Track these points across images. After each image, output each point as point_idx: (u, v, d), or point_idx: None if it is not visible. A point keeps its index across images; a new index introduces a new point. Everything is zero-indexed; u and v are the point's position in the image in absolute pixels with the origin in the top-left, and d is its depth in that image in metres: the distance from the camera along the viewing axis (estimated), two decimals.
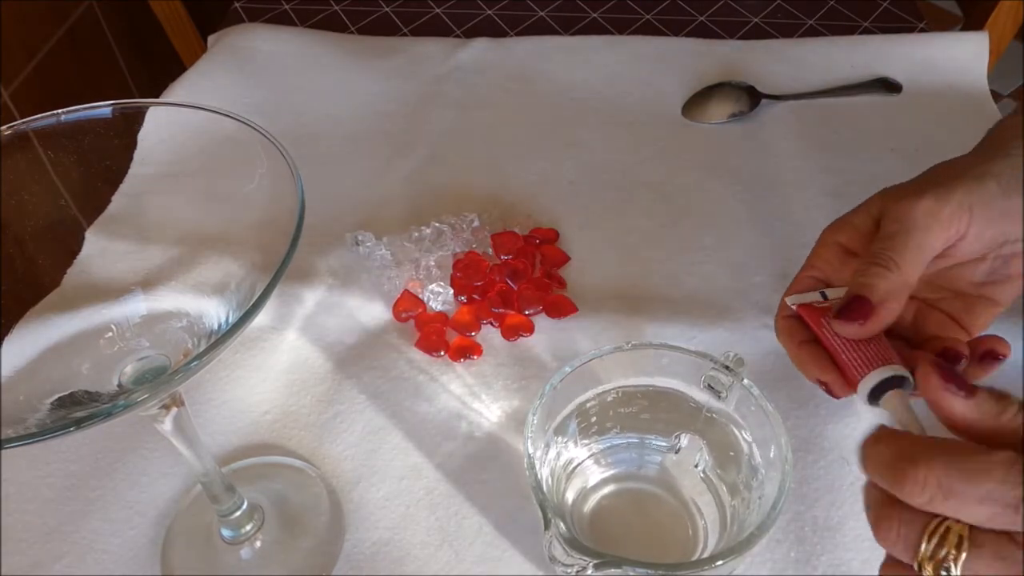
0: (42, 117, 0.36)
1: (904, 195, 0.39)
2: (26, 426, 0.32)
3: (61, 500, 0.46)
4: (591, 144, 0.67)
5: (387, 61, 0.75)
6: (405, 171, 0.66)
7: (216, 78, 0.73)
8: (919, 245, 0.37)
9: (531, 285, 0.55)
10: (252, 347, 0.53)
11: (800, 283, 0.43)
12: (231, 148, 0.37)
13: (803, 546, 0.43)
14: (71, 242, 0.39)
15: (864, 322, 0.37)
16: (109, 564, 0.44)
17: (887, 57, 0.72)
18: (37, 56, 0.87)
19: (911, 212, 0.38)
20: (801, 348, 0.40)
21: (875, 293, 0.37)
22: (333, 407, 0.50)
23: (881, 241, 0.38)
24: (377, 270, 0.56)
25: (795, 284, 0.43)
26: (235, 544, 0.43)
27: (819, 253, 0.43)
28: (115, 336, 0.37)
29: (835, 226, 0.42)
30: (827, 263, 0.42)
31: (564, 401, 0.41)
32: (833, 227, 0.42)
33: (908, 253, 0.37)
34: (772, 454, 0.37)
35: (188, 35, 1.02)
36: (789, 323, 0.42)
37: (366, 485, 0.46)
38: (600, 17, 0.83)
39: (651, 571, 0.33)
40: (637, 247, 0.59)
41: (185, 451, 0.38)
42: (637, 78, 0.73)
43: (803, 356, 0.40)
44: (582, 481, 0.43)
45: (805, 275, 0.43)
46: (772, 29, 0.81)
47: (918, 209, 0.38)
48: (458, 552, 0.43)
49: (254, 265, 0.36)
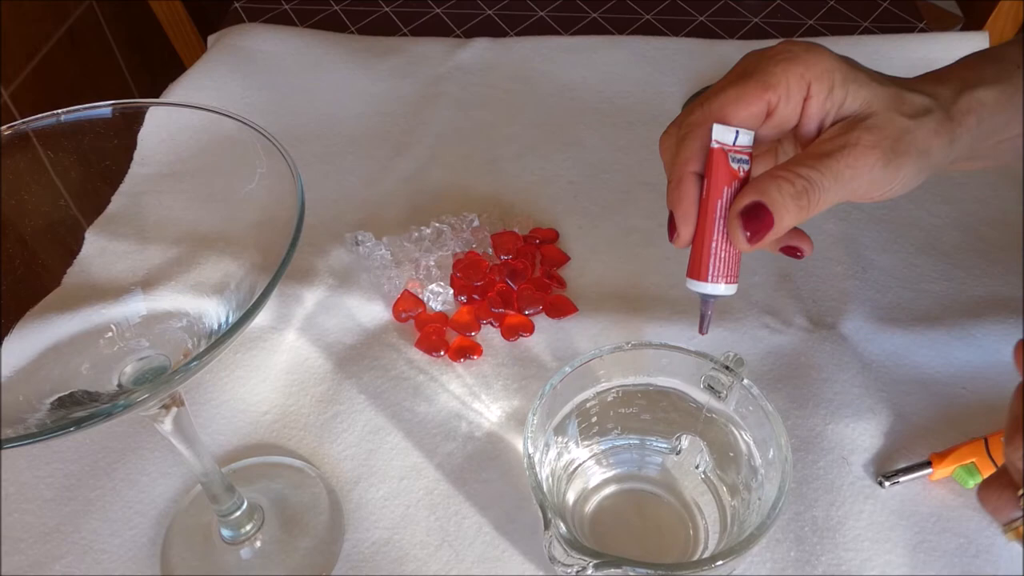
0: (42, 117, 0.36)
1: (875, 127, 0.34)
2: (26, 426, 0.32)
3: (60, 500, 0.46)
4: (591, 144, 0.67)
5: (387, 61, 0.75)
6: (405, 171, 0.66)
7: (216, 78, 0.73)
8: (842, 197, 0.33)
9: (531, 285, 0.55)
10: (252, 347, 0.53)
11: (748, 95, 0.34)
12: (231, 148, 0.37)
13: (803, 546, 0.43)
14: (71, 242, 0.39)
15: (753, 241, 0.33)
16: (108, 564, 0.44)
17: (887, 57, 0.72)
18: (37, 56, 0.87)
19: (866, 167, 0.33)
20: (687, 179, 0.34)
21: (781, 222, 0.33)
22: (333, 407, 0.50)
23: (820, 161, 0.33)
24: (377, 270, 0.56)
25: (742, 90, 0.34)
26: (235, 544, 0.43)
27: (785, 74, 0.34)
28: (115, 336, 0.37)
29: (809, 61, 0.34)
30: (785, 90, 0.34)
31: (564, 401, 0.41)
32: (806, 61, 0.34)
33: (831, 200, 0.33)
34: (772, 454, 0.37)
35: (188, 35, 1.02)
36: (694, 142, 0.34)
37: (366, 485, 0.46)
38: (600, 17, 0.83)
39: (651, 571, 0.33)
40: (637, 247, 0.59)
41: (185, 451, 0.38)
42: (637, 78, 0.73)
43: (683, 190, 0.34)
44: (582, 482, 0.43)
45: (760, 91, 0.34)
46: (772, 29, 0.81)
47: (874, 171, 0.33)
48: (458, 552, 0.43)
49: (254, 265, 0.36)
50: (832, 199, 0.33)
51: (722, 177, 0.33)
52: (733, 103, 0.34)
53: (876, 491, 0.45)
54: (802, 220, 0.33)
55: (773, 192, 0.33)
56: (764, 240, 0.33)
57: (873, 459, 0.46)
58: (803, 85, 0.33)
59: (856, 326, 0.53)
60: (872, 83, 0.34)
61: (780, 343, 0.52)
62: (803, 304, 0.54)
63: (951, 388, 0.50)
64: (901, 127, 0.34)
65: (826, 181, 0.33)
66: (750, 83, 0.34)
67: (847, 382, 0.50)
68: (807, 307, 0.54)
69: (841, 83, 0.34)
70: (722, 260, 0.34)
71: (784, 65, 0.33)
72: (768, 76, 0.33)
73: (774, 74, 0.33)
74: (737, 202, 0.33)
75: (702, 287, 0.34)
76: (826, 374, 0.50)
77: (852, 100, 0.34)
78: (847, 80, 0.34)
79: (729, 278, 0.34)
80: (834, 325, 0.53)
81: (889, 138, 0.33)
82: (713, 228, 0.34)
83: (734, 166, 0.33)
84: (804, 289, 0.55)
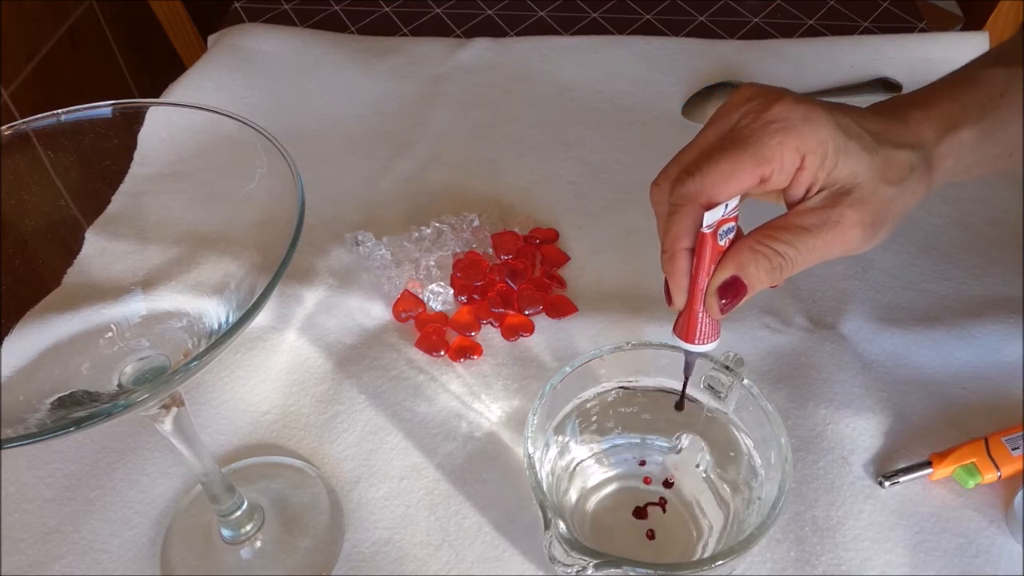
0: (42, 117, 0.36)
1: (852, 208, 0.34)
2: (26, 426, 0.32)
3: (60, 500, 0.46)
4: (591, 144, 0.67)
5: (387, 61, 0.75)
6: (405, 171, 0.66)
7: (216, 78, 0.73)
8: (813, 263, 0.35)
9: (531, 285, 0.55)
10: (252, 347, 0.53)
11: (741, 170, 0.34)
12: (231, 148, 0.37)
13: (803, 546, 0.43)
14: (71, 242, 0.39)
15: (726, 309, 0.35)
16: (108, 564, 0.44)
17: (887, 57, 0.72)
18: (37, 56, 0.87)
19: (844, 242, 0.35)
20: (679, 255, 0.36)
21: (752, 291, 0.35)
22: (333, 407, 0.50)
23: (799, 237, 0.34)
24: (377, 270, 0.56)
25: (736, 165, 0.34)
26: (235, 544, 0.43)
27: (780, 149, 0.34)
28: (115, 336, 0.37)
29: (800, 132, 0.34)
30: (779, 164, 0.34)
31: (564, 401, 0.41)
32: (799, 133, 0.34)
33: (801, 268, 0.35)
34: (772, 454, 0.37)
35: (188, 35, 1.02)
36: (685, 218, 0.35)
37: (366, 485, 0.46)
38: (600, 17, 0.83)
39: (651, 571, 0.33)
40: (637, 247, 0.59)
41: (185, 451, 0.38)
42: (637, 78, 0.73)
43: (676, 265, 0.36)
44: (583, 481, 0.43)
45: (754, 166, 0.34)
46: (772, 29, 0.81)
47: (852, 244, 0.35)
48: (458, 552, 0.43)
49: (254, 265, 0.36)
50: (804, 268, 0.35)
51: (711, 257, 0.35)
52: (726, 180, 0.34)
53: (876, 491, 0.45)
54: (771, 287, 0.36)
55: (750, 268, 0.35)
56: (736, 307, 0.35)
57: (873, 459, 0.46)
58: (797, 158, 0.34)
59: (856, 326, 0.53)
60: (862, 153, 0.35)
61: (780, 343, 0.52)
62: (803, 304, 0.54)
63: (951, 388, 0.50)
64: (885, 197, 0.35)
65: (801, 256, 0.35)
66: (744, 156, 0.34)
67: (847, 382, 0.50)
68: (807, 307, 0.54)
69: (833, 153, 0.34)
70: (708, 325, 0.37)
71: (780, 137, 0.33)
72: (763, 149, 0.34)
73: (769, 147, 0.34)
74: (716, 277, 0.35)
75: (691, 347, 0.38)
76: (826, 374, 0.50)
77: (841, 170, 0.35)
78: (839, 151, 0.34)
79: (713, 337, 0.38)
80: (834, 325, 0.53)
81: (872, 212, 0.35)
82: (700, 300, 0.36)
83: (721, 242, 0.35)
84: (804, 289, 0.55)
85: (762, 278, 0.35)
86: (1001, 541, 0.43)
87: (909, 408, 0.49)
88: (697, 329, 0.37)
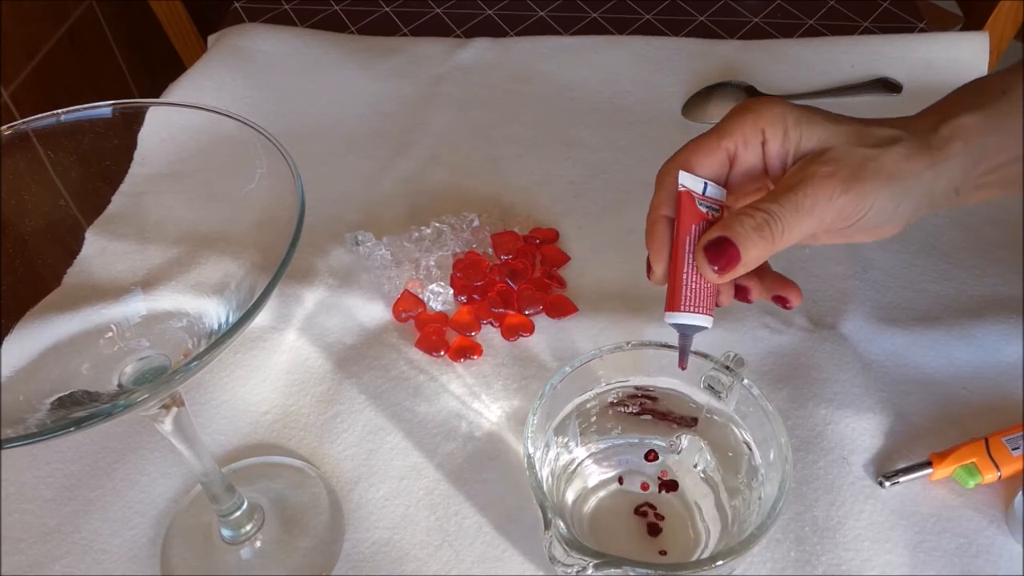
0: (42, 117, 0.36)
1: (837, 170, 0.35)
2: (26, 426, 0.32)
3: (60, 500, 0.46)
4: (591, 144, 0.67)
5: (387, 61, 0.75)
6: (405, 171, 0.66)
7: (216, 78, 0.73)
8: (808, 227, 0.35)
9: (531, 285, 0.55)
10: (252, 347, 0.53)
11: (707, 144, 0.37)
12: (231, 148, 0.37)
13: (803, 546, 0.43)
14: (71, 242, 0.39)
15: (722, 273, 0.35)
16: (108, 564, 0.44)
17: (887, 57, 0.72)
18: (37, 56, 0.87)
19: (824, 196, 0.35)
20: (658, 222, 0.38)
21: (747, 254, 0.35)
22: (333, 407, 0.50)
23: (780, 195, 0.35)
24: (377, 270, 0.56)
25: (702, 142, 0.37)
26: (235, 544, 0.43)
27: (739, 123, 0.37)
28: (115, 336, 0.37)
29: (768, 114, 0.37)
30: (740, 137, 0.37)
31: (564, 401, 0.41)
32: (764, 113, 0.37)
33: (796, 231, 0.35)
34: (772, 454, 0.37)
35: (188, 35, 1.02)
36: (663, 189, 0.38)
37: (366, 485, 0.46)
38: (600, 17, 0.83)
39: (651, 571, 0.33)
40: (637, 247, 0.58)
41: (185, 451, 0.38)
42: (637, 78, 0.73)
43: (655, 232, 0.38)
44: (582, 481, 0.43)
45: (717, 140, 0.37)
46: (772, 29, 0.81)
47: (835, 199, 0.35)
48: (458, 552, 0.43)
49: (254, 265, 0.36)
50: (799, 229, 0.35)
51: (689, 216, 0.36)
52: (694, 152, 0.37)
53: (876, 491, 0.45)
54: (770, 252, 0.35)
55: (736, 227, 0.35)
56: (735, 271, 0.35)
57: (873, 459, 0.46)
58: (757, 131, 0.37)
59: (856, 326, 0.53)
60: (828, 122, 0.37)
61: (780, 343, 0.52)
62: (803, 304, 0.54)
63: (951, 388, 0.50)
64: (861, 156, 0.36)
65: (785, 212, 0.35)
66: (710, 135, 0.38)
67: (847, 382, 0.50)
68: (807, 307, 0.54)
69: (794, 125, 0.36)
70: (693, 291, 0.36)
71: (738, 116, 0.37)
72: (724, 126, 0.37)
73: (729, 124, 0.37)
74: (703, 238, 0.36)
75: (677, 318, 0.36)
76: (826, 374, 0.50)
77: (808, 139, 0.36)
78: (800, 122, 0.36)
79: (702, 309, 0.36)
80: (834, 325, 0.53)
81: (847, 167, 0.35)
82: (683, 261, 0.36)
83: (702, 208, 0.36)
84: (804, 289, 0.55)
85: (751, 236, 0.35)
86: (1001, 541, 0.43)
87: (909, 408, 0.49)
88: (682, 296, 0.36)
